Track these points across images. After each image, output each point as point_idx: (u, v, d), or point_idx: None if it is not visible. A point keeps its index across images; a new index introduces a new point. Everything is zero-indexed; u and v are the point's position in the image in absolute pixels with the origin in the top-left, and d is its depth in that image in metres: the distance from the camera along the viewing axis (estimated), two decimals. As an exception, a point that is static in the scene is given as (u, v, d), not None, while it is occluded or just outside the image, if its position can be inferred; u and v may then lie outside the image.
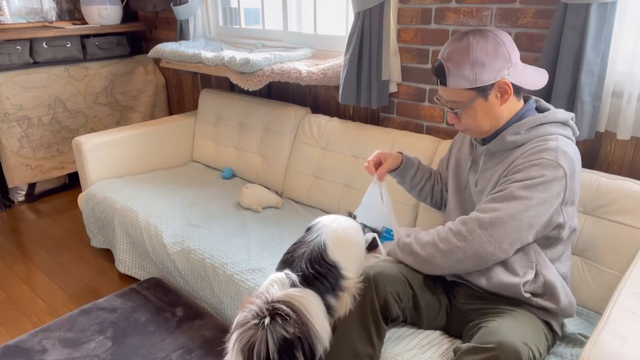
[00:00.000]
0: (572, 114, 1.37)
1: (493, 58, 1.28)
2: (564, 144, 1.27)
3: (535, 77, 1.36)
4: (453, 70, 1.31)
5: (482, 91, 1.31)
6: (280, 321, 1.24)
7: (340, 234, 1.42)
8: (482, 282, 1.35)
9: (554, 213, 1.28)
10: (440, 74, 1.34)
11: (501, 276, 1.32)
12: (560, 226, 1.32)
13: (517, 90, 1.34)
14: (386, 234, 1.62)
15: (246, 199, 2.30)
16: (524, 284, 1.30)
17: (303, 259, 1.38)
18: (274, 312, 1.26)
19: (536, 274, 1.32)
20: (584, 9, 1.52)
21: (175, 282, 2.08)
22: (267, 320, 1.24)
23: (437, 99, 1.42)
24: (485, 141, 1.42)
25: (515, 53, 1.32)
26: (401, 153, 1.65)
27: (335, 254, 1.38)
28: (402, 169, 1.64)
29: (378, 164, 1.62)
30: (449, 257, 1.32)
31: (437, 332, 1.44)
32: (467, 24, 1.94)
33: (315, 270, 1.35)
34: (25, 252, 2.75)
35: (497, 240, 1.26)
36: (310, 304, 1.30)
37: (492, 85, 1.30)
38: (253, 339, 1.23)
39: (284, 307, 1.26)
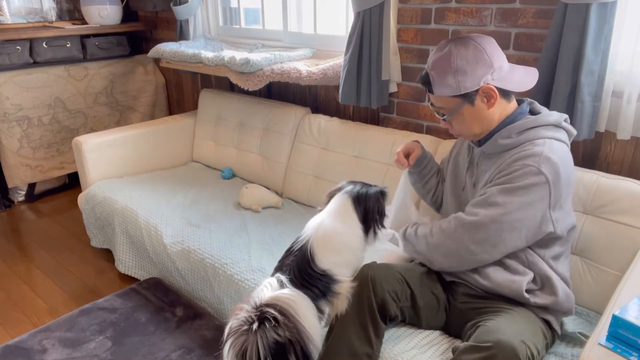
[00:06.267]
0: (566, 115, 1.38)
1: (474, 65, 1.30)
2: (549, 149, 1.28)
3: (523, 79, 1.37)
4: (437, 79, 1.34)
5: (468, 97, 1.33)
6: (269, 325, 1.23)
7: (326, 243, 1.40)
8: (480, 281, 1.36)
9: (542, 219, 1.28)
10: (426, 83, 1.39)
11: (500, 275, 1.33)
12: (551, 233, 1.32)
13: (505, 93, 1.35)
14: None
15: (246, 199, 2.30)
16: (525, 283, 1.31)
17: (292, 269, 1.38)
18: (262, 316, 1.24)
19: (533, 273, 1.33)
20: (584, 8, 1.52)
21: (175, 282, 2.08)
22: (255, 326, 1.23)
23: (430, 105, 1.46)
24: (480, 143, 1.44)
25: (498, 58, 1.33)
26: (417, 141, 1.67)
27: (324, 263, 1.37)
28: (422, 157, 1.65)
29: (407, 156, 1.65)
30: (435, 251, 1.39)
31: (437, 332, 1.44)
32: (467, 24, 1.94)
33: (305, 279, 1.35)
34: (25, 252, 2.75)
35: (477, 240, 1.30)
36: (299, 305, 1.29)
37: (477, 91, 1.32)
38: (245, 345, 1.22)
39: (272, 311, 1.24)
